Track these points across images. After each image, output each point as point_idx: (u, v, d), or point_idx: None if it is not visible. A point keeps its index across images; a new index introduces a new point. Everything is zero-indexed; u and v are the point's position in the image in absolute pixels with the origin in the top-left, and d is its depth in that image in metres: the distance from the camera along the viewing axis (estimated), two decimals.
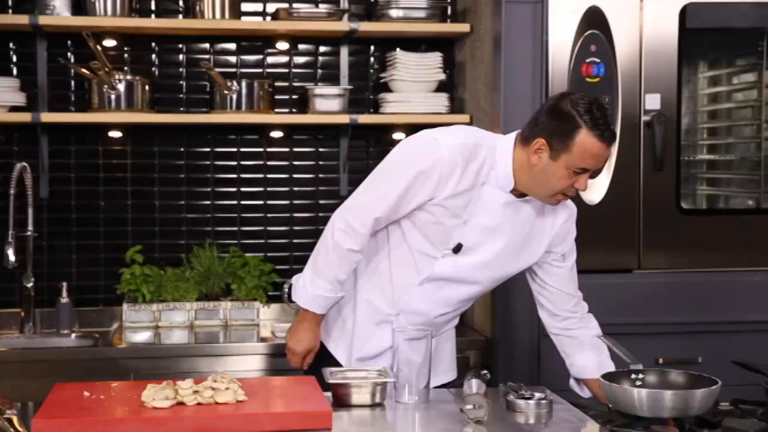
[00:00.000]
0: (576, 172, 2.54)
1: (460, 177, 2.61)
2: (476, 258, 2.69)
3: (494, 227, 2.67)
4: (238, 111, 3.94)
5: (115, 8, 3.82)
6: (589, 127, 2.49)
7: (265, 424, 2.20)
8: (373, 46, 4.22)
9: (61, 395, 2.34)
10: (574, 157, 2.51)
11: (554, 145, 2.52)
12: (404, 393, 2.48)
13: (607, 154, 2.57)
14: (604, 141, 2.51)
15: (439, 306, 2.76)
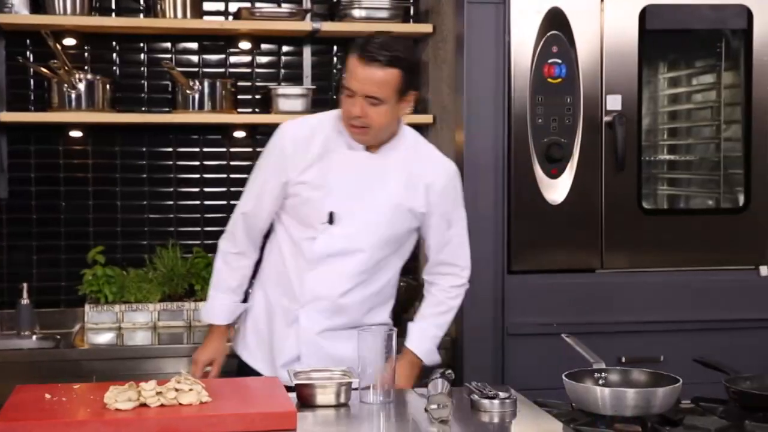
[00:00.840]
0: (348, 95, 2.65)
1: (306, 150, 2.75)
2: (351, 223, 2.75)
3: (360, 189, 2.75)
4: (201, 111, 3.92)
5: (75, 7, 3.78)
6: (357, 48, 2.64)
7: (230, 425, 2.19)
8: (336, 46, 4.22)
9: (21, 398, 2.31)
10: (345, 80, 2.67)
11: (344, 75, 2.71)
12: (369, 393, 2.48)
13: (365, 74, 2.63)
14: (361, 58, 2.61)
15: (337, 285, 2.77)
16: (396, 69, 2.62)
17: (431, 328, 2.89)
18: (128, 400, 2.22)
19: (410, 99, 2.73)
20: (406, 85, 2.66)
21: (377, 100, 2.63)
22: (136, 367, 3.46)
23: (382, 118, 2.67)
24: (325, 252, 2.76)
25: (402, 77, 2.64)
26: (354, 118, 2.65)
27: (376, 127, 2.68)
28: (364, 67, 2.60)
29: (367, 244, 2.76)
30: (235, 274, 2.87)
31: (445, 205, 2.82)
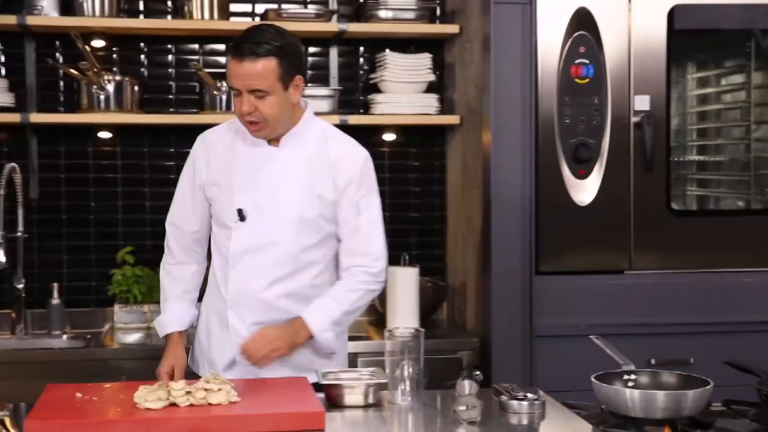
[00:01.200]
0: (235, 95, 2.65)
1: (214, 153, 2.80)
2: (261, 218, 2.73)
3: (266, 184, 2.74)
4: (228, 111, 3.93)
5: (104, 9, 3.81)
6: (231, 48, 2.64)
7: (258, 425, 2.20)
8: (362, 47, 4.22)
9: (53, 396, 2.33)
10: (227, 80, 2.68)
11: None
12: (397, 394, 2.48)
13: (241, 70, 2.62)
14: (234, 55, 2.61)
15: (256, 280, 2.74)
16: (271, 57, 2.60)
17: (329, 302, 2.74)
18: (158, 399, 2.23)
19: (298, 83, 2.69)
20: (286, 71, 2.63)
21: (262, 92, 2.61)
22: None
23: (273, 109, 2.65)
24: (240, 249, 2.75)
25: (280, 64, 2.61)
26: (246, 115, 2.65)
27: (270, 119, 2.66)
28: (241, 64, 2.59)
29: (279, 237, 2.72)
30: (178, 283, 2.88)
31: (353, 192, 2.76)
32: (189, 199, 2.85)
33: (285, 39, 2.66)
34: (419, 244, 4.26)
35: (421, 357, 2.51)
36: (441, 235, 4.27)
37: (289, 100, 2.68)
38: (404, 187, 4.26)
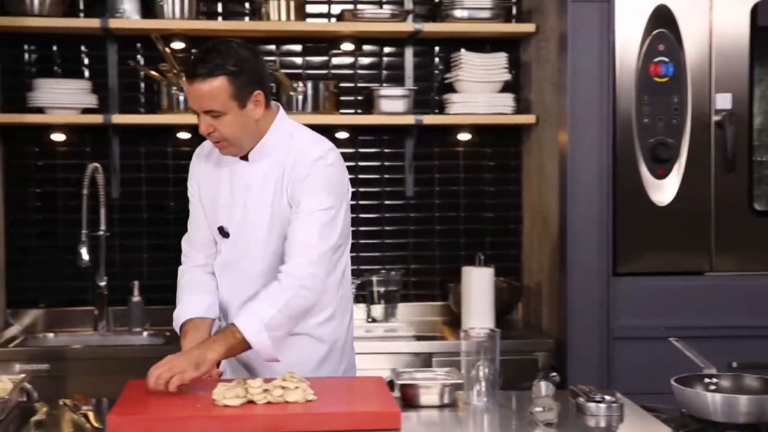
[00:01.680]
0: (196, 115, 2.59)
1: (201, 167, 2.76)
2: (240, 234, 2.68)
3: (241, 199, 2.67)
4: (304, 112, 3.96)
5: (183, 11, 3.88)
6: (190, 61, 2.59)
7: (334, 424, 2.21)
8: (437, 47, 4.22)
9: (134, 393, 2.37)
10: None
11: None
12: (472, 394, 2.47)
13: (192, 92, 2.54)
14: (186, 76, 2.55)
15: (237, 292, 2.69)
16: (221, 77, 2.50)
17: (261, 304, 2.53)
18: (236, 396, 2.25)
19: (258, 99, 2.57)
20: (240, 89, 2.53)
21: (216, 112, 2.53)
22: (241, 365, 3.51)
23: (231, 129, 2.55)
24: (223, 264, 2.73)
25: (231, 83, 2.51)
26: (206, 135, 2.59)
27: (230, 139, 2.57)
28: (191, 86, 2.52)
29: (256, 252, 2.66)
30: (189, 281, 2.84)
31: (297, 190, 2.61)
32: (197, 214, 2.80)
33: (237, 56, 2.54)
34: (494, 244, 4.24)
35: (496, 357, 2.49)
36: (516, 236, 4.25)
37: (249, 118, 2.57)
38: (479, 187, 4.24)
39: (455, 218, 4.24)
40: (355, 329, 3.72)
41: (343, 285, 2.77)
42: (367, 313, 4.00)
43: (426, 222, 4.24)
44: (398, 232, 4.23)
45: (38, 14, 3.76)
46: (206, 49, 2.56)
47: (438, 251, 4.24)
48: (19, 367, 3.36)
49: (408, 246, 4.23)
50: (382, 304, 3.99)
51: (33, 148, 4.03)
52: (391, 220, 4.23)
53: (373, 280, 3.98)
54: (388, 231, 4.23)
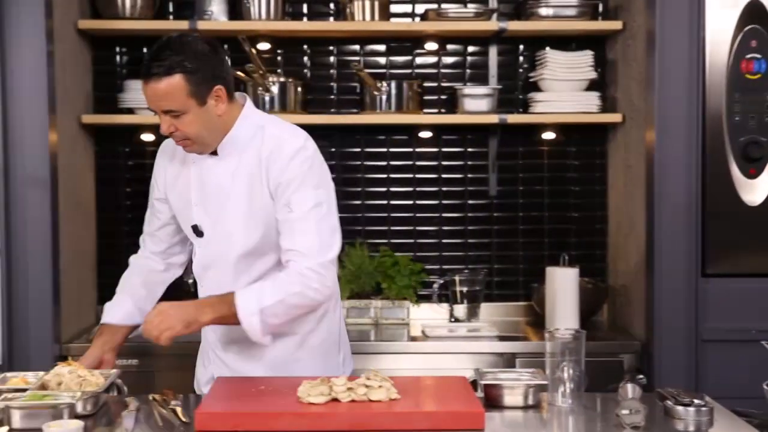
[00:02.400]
0: (155, 113, 2.54)
1: (167, 167, 2.71)
2: (214, 232, 2.63)
3: (213, 196, 2.62)
4: (388, 111, 3.98)
5: (269, 12, 3.92)
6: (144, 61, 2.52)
7: (418, 423, 2.21)
8: (522, 45, 4.19)
9: (221, 388, 2.41)
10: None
11: None
12: (557, 396, 2.45)
13: (149, 92, 2.49)
14: (141, 77, 2.49)
15: (220, 290, 2.61)
16: (175, 75, 2.45)
17: (266, 284, 2.53)
18: (320, 394, 2.27)
19: (219, 94, 2.51)
20: (198, 86, 2.47)
21: (175, 112, 2.48)
22: None
23: (193, 127, 2.50)
24: (201, 264, 2.68)
25: (187, 80, 2.45)
26: (168, 135, 2.55)
27: (193, 137, 2.52)
28: (146, 86, 2.47)
29: (234, 248, 2.61)
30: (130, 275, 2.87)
31: (283, 190, 2.54)
32: (158, 211, 2.79)
33: (193, 51, 2.48)
34: (579, 244, 4.19)
35: (581, 359, 2.47)
36: (602, 236, 4.19)
37: (210, 114, 2.52)
38: (564, 186, 4.20)
39: (539, 218, 4.21)
40: (438, 329, 3.78)
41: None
42: (450, 313, 4.00)
43: (509, 222, 4.22)
44: (481, 232, 4.22)
45: (129, 17, 3.85)
46: (160, 45, 2.48)
47: (521, 251, 4.22)
48: None
49: (491, 246, 4.22)
50: (465, 304, 3.98)
51: (123, 148, 4.12)
52: (474, 220, 4.22)
53: (456, 280, 3.98)
54: (471, 230, 4.22)
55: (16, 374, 2.52)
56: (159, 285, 2.84)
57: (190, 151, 2.59)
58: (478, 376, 2.52)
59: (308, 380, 2.36)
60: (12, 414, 2.21)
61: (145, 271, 2.83)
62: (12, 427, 2.21)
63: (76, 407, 2.25)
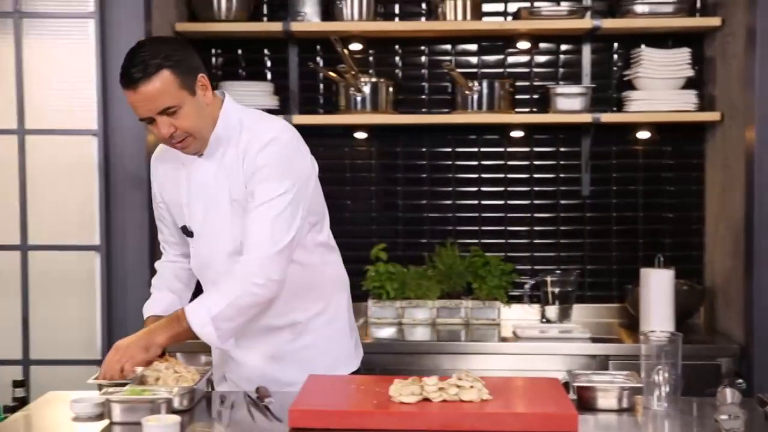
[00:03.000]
0: (148, 123, 2.50)
1: (159, 171, 2.72)
2: (203, 232, 2.62)
3: (199, 197, 2.60)
4: (479, 111, 3.96)
5: (362, 13, 3.95)
6: (119, 78, 2.46)
7: (510, 424, 2.20)
8: (616, 43, 4.13)
9: (314, 386, 2.43)
10: (134, 111, 2.50)
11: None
12: (652, 399, 2.41)
13: (140, 98, 2.43)
14: (126, 86, 2.44)
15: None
16: (163, 70, 2.42)
17: (214, 295, 2.47)
18: (412, 394, 2.28)
19: (203, 82, 2.50)
20: (184, 77, 2.45)
21: (172, 108, 2.45)
22: (415, 362, 3.56)
23: (191, 119, 2.48)
24: (197, 265, 2.69)
25: (174, 72, 2.43)
26: (169, 138, 2.49)
27: (193, 131, 2.50)
28: (137, 92, 2.42)
29: (222, 247, 2.59)
30: (156, 280, 2.88)
31: (250, 178, 2.51)
32: (160, 213, 2.80)
33: (167, 46, 2.48)
34: (674, 245, 4.12)
35: (678, 362, 2.42)
36: (698, 237, 4.11)
37: (201, 103, 2.51)
38: (659, 186, 4.13)
39: (633, 218, 4.15)
40: (529, 330, 3.75)
41: (330, 263, 2.76)
42: (542, 314, 3.97)
43: (603, 222, 4.16)
44: (574, 232, 4.17)
45: (224, 19, 3.92)
46: (132, 53, 2.46)
47: (615, 252, 4.16)
48: (204, 359, 3.50)
49: (584, 246, 4.17)
50: (557, 305, 3.94)
51: None
52: (566, 220, 4.18)
53: (547, 281, 3.94)
54: (563, 231, 4.18)
55: None
56: (191, 278, 2.87)
57: (188, 151, 2.56)
58: (571, 377, 2.49)
59: (400, 379, 2.36)
60: (112, 408, 2.27)
61: (174, 268, 2.86)
62: (112, 421, 2.28)
63: (173, 402, 2.30)
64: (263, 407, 2.36)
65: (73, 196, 3.64)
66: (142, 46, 2.48)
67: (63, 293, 3.65)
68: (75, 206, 3.63)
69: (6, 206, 3.59)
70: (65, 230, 3.63)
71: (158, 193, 2.76)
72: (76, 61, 3.59)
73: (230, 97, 2.63)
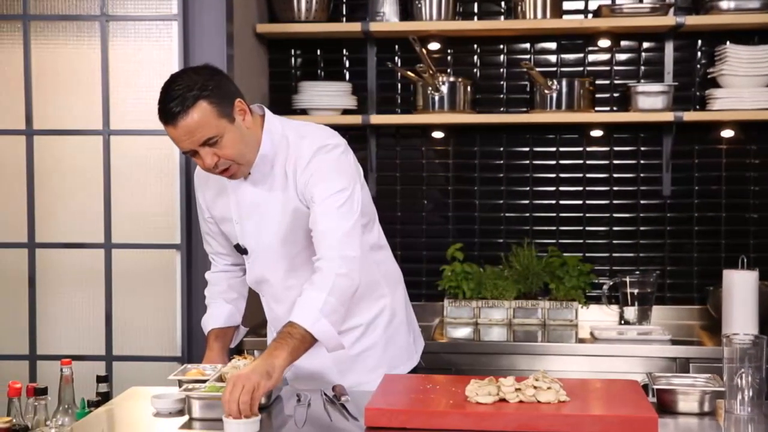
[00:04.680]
0: (191, 155, 2.49)
1: (206, 185, 2.72)
2: (257, 249, 2.63)
3: (250, 215, 2.61)
4: (558, 110, 3.93)
5: (440, 12, 3.94)
6: (158, 114, 2.45)
7: (587, 427, 2.17)
8: (700, 40, 4.05)
9: (390, 386, 2.44)
10: (176, 144, 2.49)
11: None
12: (735, 403, 2.36)
13: (181, 132, 2.42)
14: (166, 122, 2.43)
15: (279, 306, 2.68)
16: (199, 102, 2.41)
17: (309, 293, 2.42)
18: (488, 394, 2.27)
19: (241, 107, 2.49)
20: (221, 105, 2.44)
21: (212, 138, 2.43)
22: (491, 363, 3.54)
23: (234, 147, 2.47)
24: (253, 280, 2.72)
25: (211, 102, 2.42)
26: (214, 168, 2.49)
27: (237, 158, 2.49)
28: (176, 128, 2.41)
29: (277, 262, 2.63)
30: (212, 286, 2.90)
31: (308, 185, 2.53)
32: (204, 233, 2.85)
33: (201, 77, 2.46)
34: (758, 246, 4.03)
35: (762, 366, 2.37)
36: None
37: (242, 129, 2.50)
38: (742, 186, 4.05)
39: (716, 219, 4.07)
40: (607, 331, 3.70)
41: (383, 262, 2.76)
42: (620, 315, 3.92)
43: (684, 222, 4.09)
44: (654, 233, 4.11)
45: (304, 20, 3.95)
46: (167, 88, 2.45)
47: (696, 253, 4.08)
48: None
49: (664, 247, 4.10)
50: (636, 306, 3.89)
51: None
52: (646, 220, 4.12)
53: (626, 281, 3.89)
54: (643, 231, 4.12)
55: (195, 366, 2.63)
56: (244, 286, 2.88)
57: (234, 177, 2.57)
58: (651, 380, 2.45)
59: (476, 379, 2.36)
60: (192, 404, 2.31)
61: (227, 278, 2.88)
62: (192, 417, 2.31)
63: None
64: (340, 405, 2.38)
65: (154, 195, 3.71)
66: (175, 80, 2.47)
67: (145, 291, 3.72)
68: (157, 205, 3.70)
69: (91, 205, 3.68)
70: (147, 229, 3.70)
71: (206, 209, 2.78)
72: (159, 63, 3.65)
73: (269, 112, 2.63)
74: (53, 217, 3.73)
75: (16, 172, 3.70)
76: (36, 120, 3.67)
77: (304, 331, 2.35)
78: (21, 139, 3.68)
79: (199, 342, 3.55)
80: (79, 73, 3.70)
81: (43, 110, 3.68)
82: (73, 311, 3.74)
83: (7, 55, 3.69)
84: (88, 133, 3.67)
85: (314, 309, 2.38)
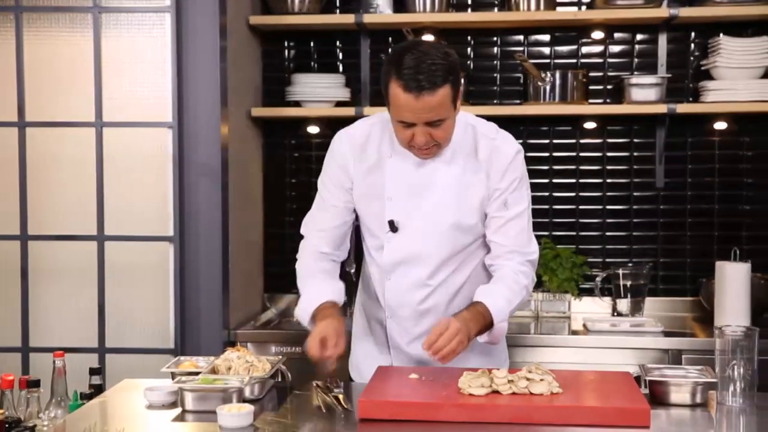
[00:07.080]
0: (406, 124, 2.43)
1: (360, 157, 2.63)
2: (414, 230, 2.59)
3: (417, 193, 2.57)
4: (551, 102, 3.93)
5: (434, 4, 3.93)
6: (396, 77, 2.39)
7: (580, 418, 2.18)
8: (693, 32, 4.05)
9: (383, 378, 2.45)
10: (393, 109, 2.44)
11: (386, 99, 2.47)
12: (727, 395, 2.36)
13: (419, 105, 2.38)
14: (408, 91, 2.37)
15: (413, 293, 2.64)
16: (446, 85, 2.39)
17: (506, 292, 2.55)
18: (481, 386, 2.27)
19: (461, 94, 2.50)
20: (456, 91, 2.44)
21: (439, 121, 2.43)
22: None
23: (448, 132, 2.49)
24: (393, 260, 2.63)
25: (452, 88, 2.41)
26: (423, 146, 2.47)
27: (444, 142, 2.51)
28: (418, 99, 2.37)
29: (435, 250, 2.60)
30: (311, 268, 2.72)
31: (502, 188, 2.58)
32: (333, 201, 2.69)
33: (449, 57, 2.44)
34: (751, 238, 4.04)
35: (754, 357, 2.37)
36: None
37: (455, 115, 2.52)
38: (736, 178, 4.05)
39: (709, 211, 4.07)
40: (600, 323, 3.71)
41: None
42: (613, 307, 3.92)
43: (677, 214, 4.10)
44: (647, 225, 4.11)
45: (298, 12, 3.94)
46: (423, 57, 2.40)
47: (689, 245, 4.09)
48: (274, 349, 3.54)
49: (657, 239, 4.11)
50: (629, 298, 3.89)
51: (290, 140, 4.23)
52: (639, 212, 4.12)
53: (619, 273, 3.89)
54: (636, 223, 4.12)
55: (188, 358, 2.63)
56: (337, 270, 2.79)
57: (430, 156, 2.55)
58: (643, 371, 2.46)
59: (469, 371, 2.36)
60: (185, 396, 2.31)
61: (327, 259, 2.76)
62: (185, 409, 2.32)
63: (244, 391, 2.33)
64: (333, 397, 2.38)
65: (147, 187, 3.71)
66: (428, 52, 2.41)
67: (138, 283, 3.72)
68: (150, 197, 3.70)
69: (83, 197, 3.67)
70: (140, 221, 3.70)
71: (349, 179, 2.66)
72: (151, 55, 3.65)
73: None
74: (46, 209, 3.73)
75: (8, 164, 3.70)
76: (28, 112, 3.66)
77: (490, 320, 2.50)
78: (13, 131, 3.68)
79: (191, 334, 3.56)
80: (72, 65, 3.70)
81: (35, 102, 3.68)
82: (66, 303, 3.74)
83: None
84: (81, 125, 3.66)
85: (506, 310, 2.53)
